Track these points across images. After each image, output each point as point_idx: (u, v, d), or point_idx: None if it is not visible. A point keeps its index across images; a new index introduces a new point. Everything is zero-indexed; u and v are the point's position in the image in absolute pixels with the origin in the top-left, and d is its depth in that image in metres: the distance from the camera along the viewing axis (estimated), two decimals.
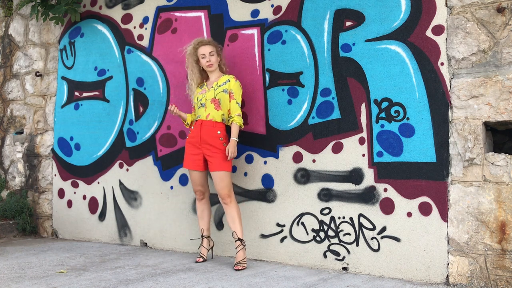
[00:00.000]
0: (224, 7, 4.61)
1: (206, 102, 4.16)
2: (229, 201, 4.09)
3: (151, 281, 3.60)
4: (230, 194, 4.10)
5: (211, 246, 4.35)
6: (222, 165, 4.08)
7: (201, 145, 4.14)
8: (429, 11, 3.67)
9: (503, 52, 3.43)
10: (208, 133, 4.12)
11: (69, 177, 5.55)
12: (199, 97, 4.22)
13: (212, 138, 4.11)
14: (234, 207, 4.10)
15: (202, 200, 4.30)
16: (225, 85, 4.16)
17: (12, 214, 5.75)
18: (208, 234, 4.32)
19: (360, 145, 3.90)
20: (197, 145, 4.16)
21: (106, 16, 5.38)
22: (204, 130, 4.13)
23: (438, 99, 3.62)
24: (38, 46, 5.90)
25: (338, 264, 3.95)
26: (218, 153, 4.09)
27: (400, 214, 3.72)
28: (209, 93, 4.18)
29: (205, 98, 4.17)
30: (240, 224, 4.08)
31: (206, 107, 4.16)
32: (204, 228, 4.31)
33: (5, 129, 6.18)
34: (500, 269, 3.39)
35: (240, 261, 4.01)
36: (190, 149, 4.21)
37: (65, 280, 3.64)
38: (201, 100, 4.20)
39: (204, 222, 4.31)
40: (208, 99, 4.16)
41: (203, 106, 4.18)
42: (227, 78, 4.20)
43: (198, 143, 4.15)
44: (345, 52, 4.00)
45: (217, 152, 4.09)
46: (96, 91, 5.39)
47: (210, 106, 4.15)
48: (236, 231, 4.07)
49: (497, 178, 3.41)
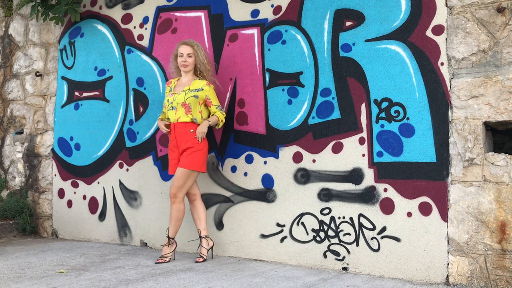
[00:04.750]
0: (224, 7, 4.61)
1: (177, 106, 4.24)
2: (174, 200, 4.18)
3: (151, 281, 3.60)
4: (178, 195, 4.16)
5: (210, 246, 4.34)
6: (185, 162, 4.15)
7: (178, 148, 4.24)
8: (429, 11, 3.67)
9: (503, 52, 3.43)
10: (182, 134, 4.22)
11: (69, 177, 5.55)
12: (170, 99, 4.30)
13: (188, 139, 4.20)
14: (177, 208, 4.20)
15: (194, 201, 4.34)
16: (198, 92, 4.24)
17: (12, 214, 5.75)
18: (206, 234, 4.32)
19: (360, 145, 3.90)
20: (174, 149, 4.27)
21: (106, 16, 5.38)
22: (178, 132, 4.23)
23: (438, 99, 3.62)
24: (38, 46, 5.90)
25: (338, 264, 3.96)
26: (190, 152, 4.17)
27: (400, 214, 3.72)
28: (179, 97, 4.24)
29: (176, 102, 4.25)
30: (176, 226, 4.23)
31: (176, 110, 4.25)
32: (201, 228, 4.31)
33: (5, 129, 6.18)
34: (500, 269, 3.39)
35: (164, 254, 4.24)
36: (171, 155, 4.32)
37: (65, 280, 3.64)
38: (172, 103, 4.27)
39: (201, 222, 4.32)
40: (179, 103, 4.23)
41: (173, 109, 4.26)
42: (200, 85, 4.27)
43: (176, 146, 4.26)
44: (345, 52, 4.00)
45: (190, 151, 4.18)
46: (96, 91, 5.39)
47: (181, 109, 4.23)
48: (170, 229, 4.25)
49: (497, 178, 3.41)
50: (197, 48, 4.30)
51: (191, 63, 4.30)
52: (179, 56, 4.29)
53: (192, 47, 4.28)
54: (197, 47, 4.31)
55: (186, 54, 4.26)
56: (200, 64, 4.31)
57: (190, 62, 4.29)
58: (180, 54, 4.27)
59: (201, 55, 4.30)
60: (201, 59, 4.30)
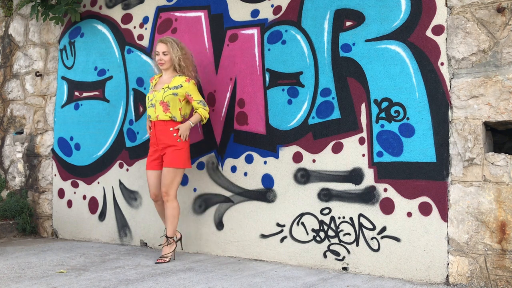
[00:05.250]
0: (224, 7, 4.61)
1: (156, 103, 4.27)
2: (167, 199, 4.22)
3: (151, 281, 3.60)
4: (169, 192, 4.21)
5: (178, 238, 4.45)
6: (170, 161, 4.19)
7: (158, 145, 4.28)
8: (429, 11, 3.67)
9: (503, 52, 3.43)
10: (163, 132, 4.24)
11: (69, 177, 5.55)
12: (150, 96, 4.34)
13: (168, 137, 4.23)
14: (171, 206, 4.23)
15: None
16: (177, 90, 4.25)
17: (12, 214, 5.75)
18: None
19: (360, 145, 3.90)
20: (154, 146, 4.31)
21: (106, 16, 5.38)
22: (158, 130, 4.26)
23: (438, 99, 3.62)
24: (38, 46, 5.90)
25: (338, 264, 3.96)
26: (171, 150, 4.21)
27: (400, 214, 3.72)
28: (158, 94, 4.28)
29: (155, 99, 4.28)
30: (173, 224, 4.23)
31: (155, 107, 4.27)
32: None
33: (5, 129, 6.18)
34: (500, 269, 3.39)
35: (164, 254, 4.24)
36: (150, 150, 4.37)
37: (65, 280, 3.63)
38: (152, 101, 4.31)
39: None
40: (158, 101, 4.26)
41: (153, 107, 4.29)
42: (179, 82, 4.28)
43: (155, 144, 4.29)
44: (345, 52, 4.00)
45: (171, 150, 4.21)
46: (96, 91, 5.39)
47: (159, 107, 4.26)
48: (167, 228, 4.24)
49: (497, 178, 3.41)
50: (171, 45, 4.27)
51: (167, 61, 4.31)
52: (156, 55, 4.33)
53: (166, 45, 4.27)
54: (171, 44, 4.28)
55: (161, 52, 4.29)
56: (175, 61, 4.30)
57: (166, 60, 4.30)
58: (157, 53, 4.31)
59: (175, 53, 4.27)
60: (175, 56, 4.27)
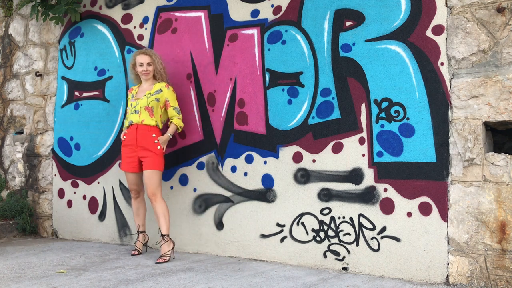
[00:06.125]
0: (224, 7, 4.61)
1: (141, 109, 4.46)
2: (154, 199, 4.37)
3: (151, 281, 3.60)
4: (156, 193, 4.39)
5: (146, 241, 4.70)
6: (153, 164, 4.39)
7: (136, 147, 4.44)
8: (429, 11, 3.67)
9: (503, 52, 3.43)
10: (144, 136, 4.43)
11: (69, 177, 5.55)
12: (133, 103, 4.52)
13: (148, 142, 4.42)
14: (159, 205, 4.37)
15: (138, 198, 4.63)
16: (158, 95, 4.48)
17: (12, 214, 5.75)
18: (143, 230, 4.66)
19: (360, 145, 3.90)
20: (133, 148, 4.46)
21: (106, 16, 5.38)
22: (140, 133, 4.43)
23: (438, 99, 3.62)
24: (38, 46, 5.90)
25: (338, 264, 3.96)
26: (152, 155, 4.40)
27: (400, 214, 3.72)
28: (142, 101, 4.47)
29: (139, 106, 4.47)
30: (165, 221, 4.35)
31: (140, 113, 4.45)
32: (140, 224, 4.65)
33: (5, 129, 6.18)
34: (500, 269, 3.39)
35: (163, 254, 4.31)
36: (126, 152, 4.52)
37: (65, 280, 3.64)
38: (135, 107, 4.49)
39: (140, 218, 4.66)
40: (142, 107, 4.46)
41: (137, 113, 4.47)
42: (159, 87, 4.53)
43: (134, 145, 4.45)
44: (345, 52, 4.00)
45: (151, 154, 4.40)
46: (96, 91, 5.39)
47: (145, 113, 4.45)
48: (161, 227, 4.35)
49: (497, 178, 3.41)
50: (155, 57, 4.55)
51: (151, 71, 4.55)
52: (139, 66, 4.52)
53: (150, 57, 4.53)
54: (155, 56, 4.56)
55: (146, 63, 4.51)
56: (157, 72, 4.56)
57: (151, 70, 4.55)
58: (140, 64, 4.51)
59: (158, 63, 4.56)
60: (158, 67, 4.56)
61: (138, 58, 4.52)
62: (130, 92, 4.64)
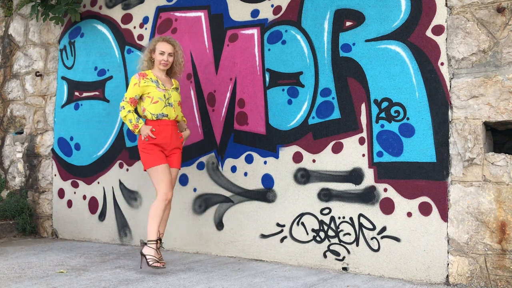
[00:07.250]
0: (224, 7, 4.61)
1: (174, 104, 4.09)
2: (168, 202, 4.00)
3: (151, 281, 3.60)
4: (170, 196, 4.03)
5: None
6: (179, 163, 4.15)
7: (169, 145, 4.03)
8: (429, 11, 3.67)
9: (503, 52, 3.43)
10: (177, 136, 4.10)
11: (69, 177, 5.55)
12: (166, 94, 4.03)
13: (177, 139, 4.10)
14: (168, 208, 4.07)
15: None
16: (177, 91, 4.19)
17: (12, 214, 5.75)
18: None
19: (360, 145, 3.90)
20: (167, 146, 4.02)
21: (106, 16, 5.38)
22: (175, 131, 4.08)
23: (438, 99, 3.62)
24: (38, 46, 5.90)
25: (338, 264, 3.96)
26: (179, 152, 4.14)
27: (400, 214, 3.72)
28: (174, 94, 4.10)
29: (173, 99, 4.08)
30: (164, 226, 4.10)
31: (174, 107, 4.07)
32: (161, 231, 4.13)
33: (5, 129, 6.18)
34: (500, 269, 3.39)
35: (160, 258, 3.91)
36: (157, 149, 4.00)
37: (65, 280, 3.64)
38: (169, 100, 4.05)
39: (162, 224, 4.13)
40: (176, 101, 4.11)
41: (171, 106, 4.05)
42: (177, 85, 4.22)
43: (169, 144, 4.03)
44: (345, 52, 4.00)
45: (179, 151, 4.13)
46: (96, 91, 5.39)
47: (178, 108, 4.13)
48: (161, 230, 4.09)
49: (497, 178, 3.41)
50: (178, 48, 4.16)
51: (171, 62, 4.12)
52: (159, 54, 4.07)
53: (174, 47, 4.12)
54: (178, 47, 4.17)
55: (167, 53, 4.07)
56: (177, 65, 4.17)
57: (171, 61, 4.11)
58: (161, 52, 4.06)
59: (180, 55, 4.17)
60: (180, 59, 4.17)
61: (161, 45, 4.08)
62: (145, 78, 4.02)
